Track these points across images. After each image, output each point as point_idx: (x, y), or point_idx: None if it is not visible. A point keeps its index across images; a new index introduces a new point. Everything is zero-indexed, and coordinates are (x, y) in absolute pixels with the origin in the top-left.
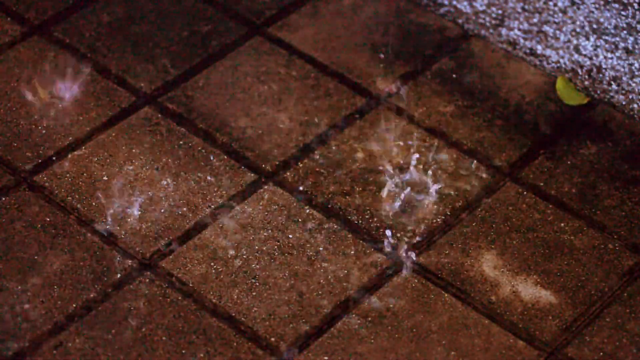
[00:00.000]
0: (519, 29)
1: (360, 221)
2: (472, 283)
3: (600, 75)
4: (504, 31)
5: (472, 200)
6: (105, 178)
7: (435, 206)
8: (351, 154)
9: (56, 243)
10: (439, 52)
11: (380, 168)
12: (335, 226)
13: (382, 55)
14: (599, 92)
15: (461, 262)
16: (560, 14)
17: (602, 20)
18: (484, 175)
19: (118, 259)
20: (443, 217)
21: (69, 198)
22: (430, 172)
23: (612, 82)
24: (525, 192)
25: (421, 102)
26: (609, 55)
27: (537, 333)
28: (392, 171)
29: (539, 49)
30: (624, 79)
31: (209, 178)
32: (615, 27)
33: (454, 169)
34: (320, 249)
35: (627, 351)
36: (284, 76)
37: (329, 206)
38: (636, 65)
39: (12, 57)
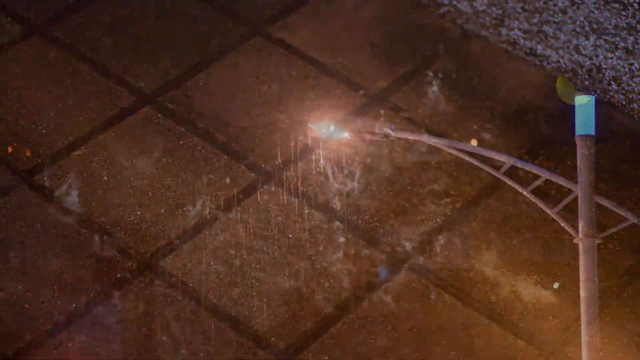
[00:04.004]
0: (519, 29)
1: (360, 221)
2: (472, 283)
3: (600, 75)
4: (504, 31)
5: (472, 200)
6: (105, 178)
7: (435, 206)
8: (351, 153)
9: (56, 243)
10: (439, 52)
11: (380, 168)
12: (335, 226)
13: (381, 55)
14: (599, 92)
15: (461, 262)
16: (560, 14)
17: (602, 20)
18: (484, 175)
19: (118, 259)
20: (443, 217)
21: (69, 198)
22: (429, 171)
23: (612, 82)
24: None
25: (421, 102)
26: (609, 55)
27: (537, 333)
28: (392, 170)
29: (539, 49)
30: (624, 78)
31: (209, 178)
32: (615, 27)
33: (454, 169)
34: (320, 249)
35: (627, 351)
36: (284, 76)
37: (329, 206)
38: (636, 65)
39: (12, 57)
